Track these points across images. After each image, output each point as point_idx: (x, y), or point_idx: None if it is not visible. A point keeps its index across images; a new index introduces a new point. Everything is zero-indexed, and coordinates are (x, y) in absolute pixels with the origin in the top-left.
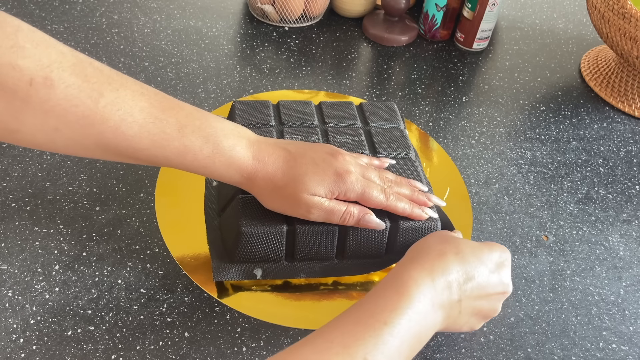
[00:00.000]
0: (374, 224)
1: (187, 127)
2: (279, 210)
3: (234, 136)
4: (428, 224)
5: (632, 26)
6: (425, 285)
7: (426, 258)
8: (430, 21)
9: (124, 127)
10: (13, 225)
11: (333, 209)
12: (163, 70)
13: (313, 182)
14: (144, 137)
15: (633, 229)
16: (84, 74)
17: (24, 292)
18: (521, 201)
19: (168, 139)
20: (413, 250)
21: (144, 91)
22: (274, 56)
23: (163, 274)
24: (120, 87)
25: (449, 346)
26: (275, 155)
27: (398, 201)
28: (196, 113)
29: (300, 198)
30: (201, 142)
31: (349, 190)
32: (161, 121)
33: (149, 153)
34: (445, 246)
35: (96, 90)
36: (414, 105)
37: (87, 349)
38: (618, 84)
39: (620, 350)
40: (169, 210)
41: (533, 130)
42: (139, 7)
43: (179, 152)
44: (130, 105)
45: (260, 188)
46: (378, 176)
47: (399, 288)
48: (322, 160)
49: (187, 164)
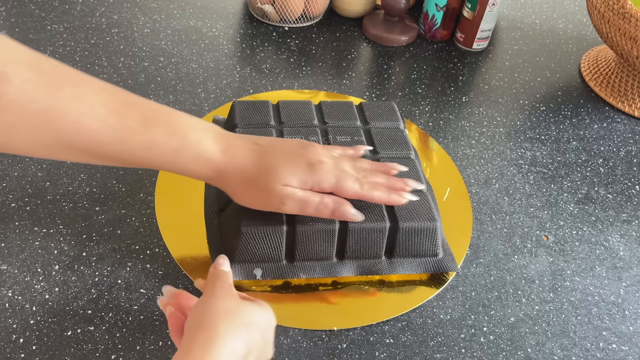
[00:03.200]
0: (350, 214)
1: (152, 121)
2: (252, 205)
3: (201, 130)
4: (428, 225)
5: (632, 26)
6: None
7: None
8: (430, 21)
9: (85, 122)
10: (13, 225)
11: (307, 200)
12: (163, 70)
13: (285, 172)
14: (107, 131)
15: (633, 229)
16: (41, 69)
17: (23, 292)
18: (521, 201)
19: (132, 133)
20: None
21: (105, 87)
22: (274, 56)
23: (163, 274)
24: (79, 82)
25: (448, 346)
26: (245, 148)
27: (373, 190)
28: (161, 108)
29: (273, 189)
30: (167, 136)
31: (322, 180)
32: (124, 115)
33: (112, 148)
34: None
35: (54, 84)
36: (414, 105)
37: (87, 349)
38: (618, 84)
39: (620, 350)
40: (169, 210)
41: (533, 130)
42: (139, 7)
43: (144, 146)
44: (90, 99)
45: (231, 182)
46: (352, 166)
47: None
48: (294, 152)
49: (153, 159)
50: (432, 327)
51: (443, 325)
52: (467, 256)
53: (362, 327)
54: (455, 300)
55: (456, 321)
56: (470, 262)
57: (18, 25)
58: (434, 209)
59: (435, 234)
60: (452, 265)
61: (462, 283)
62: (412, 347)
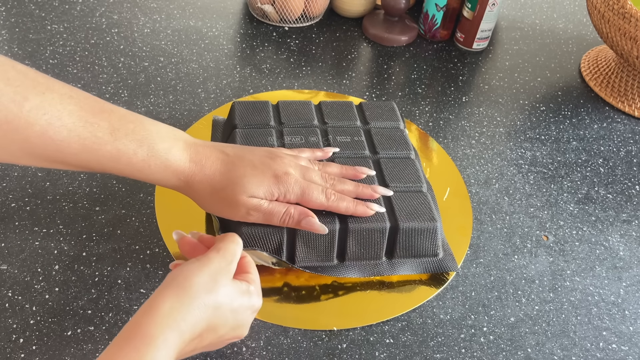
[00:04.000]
0: (316, 226)
1: (120, 131)
2: (218, 214)
3: (169, 139)
4: (428, 225)
5: (632, 26)
6: (173, 349)
7: (187, 312)
8: (430, 21)
9: (52, 132)
10: (13, 225)
11: (272, 211)
12: (163, 70)
13: (252, 184)
14: (74, 141)
15: (633, 229)
16: (6, 78)
17: (23, 292)
18: (521, 201)
19: (100, 143)
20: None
21: (72, 94)
22: (274, 56)
23: (163, 274)
24: (46, 90)
25: (449, 346)
26: (213, 158)
27: (340, 201)
28: (130, 116)
29: (239, 200)
30: (135, 146)
31: (288, 192)
32: (92, 125)
33: (80, 158)
34: (210, 299)
35: (20, 93)
36: (414, 105)
37: (87, 349)
38: (618, 84)
39: (620, 350)
40: (169, 210)
41: (533, 130)
42: (139, 7)
43: (112, 156)
44: (57, 108)
45: (198, 191)
46: (320, 175)
47: (139, 348)
48: (261, 162)
49: (122, 169)
50: (432, 327)
51: (443, 325)
52: (467, 256)
53: (362, 327)
54: (455, 300)
55: (456, 321)
56: (470, 262)
57: (18, 25)
58: (434, 209)
59: (436, 234)
60: (452, 265)
61: (462, 283)
62: (412, 347)
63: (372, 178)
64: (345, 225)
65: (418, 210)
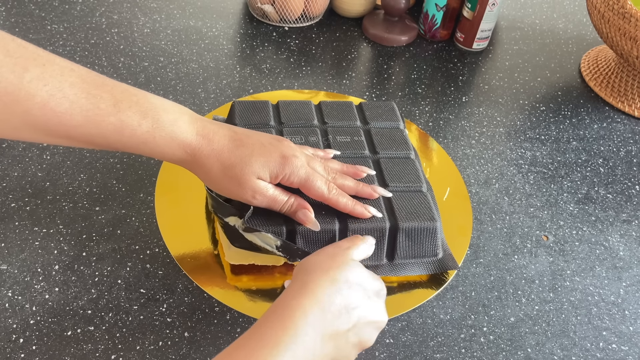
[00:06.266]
0: (311, 220)
1: (123, 102)
2: (223, 193)
3: (175, 112)
4: (428, 225)
5: (632, 26)
6: (314, 316)
7: (317, 283)
8: (430, 21)
9: (53, 104)
10: (13, 225)
11: (276, 198)
12: (163, 70)
13: (259, 163)
14: (76, 113)
15: (633, 229)
16: (6, 49)
17: (23, 292)
18: (521, 201)
19: (103, 115)
20: (301, 272)
21: (74, 67)
22: (274, 56)
23: (163, 274)
24: (46, 62)
25: (449, 346)
26: (221, 134)
27: (340, 196)
28: (133, 90)
29: (247, 181)
30: (139, 117)
31: (292, 174)
32: (95, 97)
33: (82, 131)
34: (335, 272)
35: (20, 65)
36: (414, 105)
37: (87, 349)
38: (618, 84)
39: (620, 350)
40: (169, 210)
41: (533, 130)
42: (139, 7)
43: (116, 128)
44: (59, 80)
45: (205, 167)
46: (323, 168)
47: (285, 320)
48: (269, 142)
49: (125, 141)
50: (432, 327)
51: (443, 325)
52: (467, 256)
53: None
54: (455, 300)
55: (456, 321)
56: (470, 262)
57: (18, 25)
58: (434, 209)
59: (435, 234)
60: (453, 265)
61: (462, 283)
62: (412, 347)
63: (372, 177)
64: (345, 225)
65: (418, 210)
